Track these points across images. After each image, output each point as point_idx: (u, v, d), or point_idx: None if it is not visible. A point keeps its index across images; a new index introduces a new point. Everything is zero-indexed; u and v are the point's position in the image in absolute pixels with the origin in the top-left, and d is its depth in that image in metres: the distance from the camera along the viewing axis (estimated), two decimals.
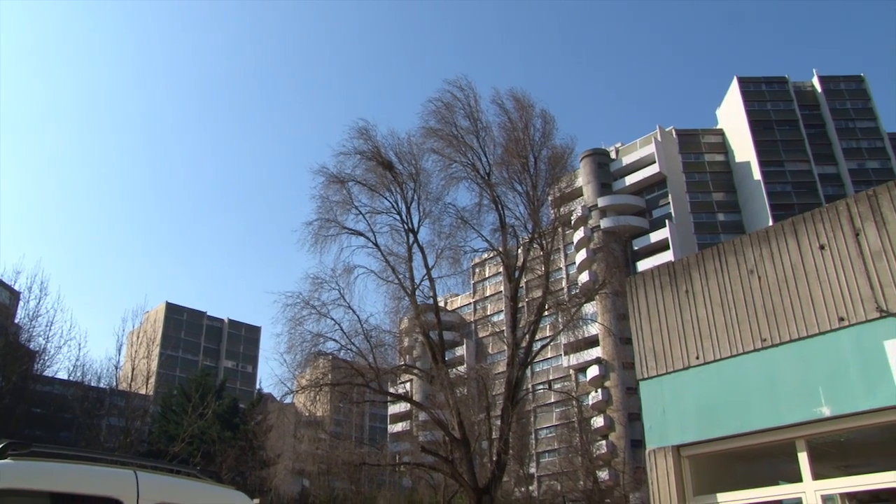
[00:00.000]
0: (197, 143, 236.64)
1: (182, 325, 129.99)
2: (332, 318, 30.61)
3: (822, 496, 9.81)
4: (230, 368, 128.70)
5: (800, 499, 9.88)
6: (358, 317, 31.13)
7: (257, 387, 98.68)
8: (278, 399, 35.66)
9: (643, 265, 74.76)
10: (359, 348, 30.57)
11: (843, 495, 10.79)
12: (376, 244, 32.34)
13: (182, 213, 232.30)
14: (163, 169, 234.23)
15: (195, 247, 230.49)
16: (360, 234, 32.50)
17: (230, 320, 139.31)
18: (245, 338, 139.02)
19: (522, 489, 51.54)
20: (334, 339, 30.72)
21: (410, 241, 32.19)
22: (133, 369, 41.01)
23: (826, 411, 9.64)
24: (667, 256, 78.48)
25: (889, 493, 10.12)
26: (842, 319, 9.82)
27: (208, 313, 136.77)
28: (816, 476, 9.85)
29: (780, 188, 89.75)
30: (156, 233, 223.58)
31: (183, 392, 49.38)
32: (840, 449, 10.79)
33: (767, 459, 11.09)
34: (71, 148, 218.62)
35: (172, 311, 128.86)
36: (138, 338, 42.92)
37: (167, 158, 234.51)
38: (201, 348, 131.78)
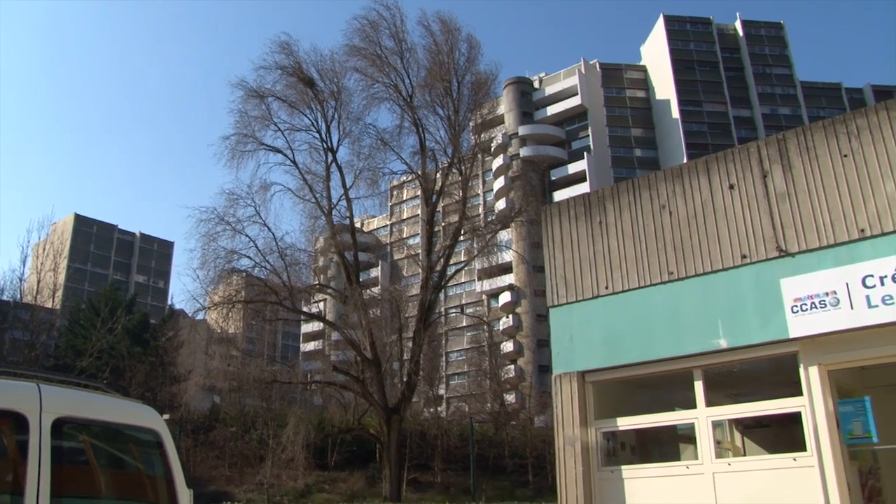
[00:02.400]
0: (102, 52, 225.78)
1: (92, 238, 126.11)
2: (247, 235, 30.21)
3: (713, 421, 10.40)
4: (141, 283, 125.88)
5: (693, 424, 10.45)
6: (273, 234, 30.81)
7: (169, 302, 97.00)
8: (190, 315, 35.28)
9: (560, 195, 75.68)
10: (273, 266, 30.33)
11: (731, 421, 11.49)
12: (294, 162, 31.84)
13: (88, 124, 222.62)
14: (65, 77, 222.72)
15: (105, 158, 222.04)
16: (279, 150, 31.91)
17: (142, 234, 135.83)
18: (157, 252, 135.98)
19: (431, 410, 52.66)
20: (248, 257, 30.40)
21: (329, 160, 31.80)
22: (39, 282, 39.72)
23: (723, 343, 10.13)
24: (583, 188, 79.60)
25: (771, 419, 10.81)
26: (744, 257, 10.25)
27: (119, 227, 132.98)
28: (709, 403, 10.41)
29: (697, 128, 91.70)
30: (60, 144, 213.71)
31: (92, 306, 48.23)
32: (732, 378, 11.39)
33: (666, 387, 11.63)
34: None
35: (82, 223, 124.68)
36: (44, 250, 41.45)
37: (69, 66, 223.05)
38: (112, 262, 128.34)
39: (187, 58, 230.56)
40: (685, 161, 57.15)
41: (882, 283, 9.04)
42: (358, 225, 40.91)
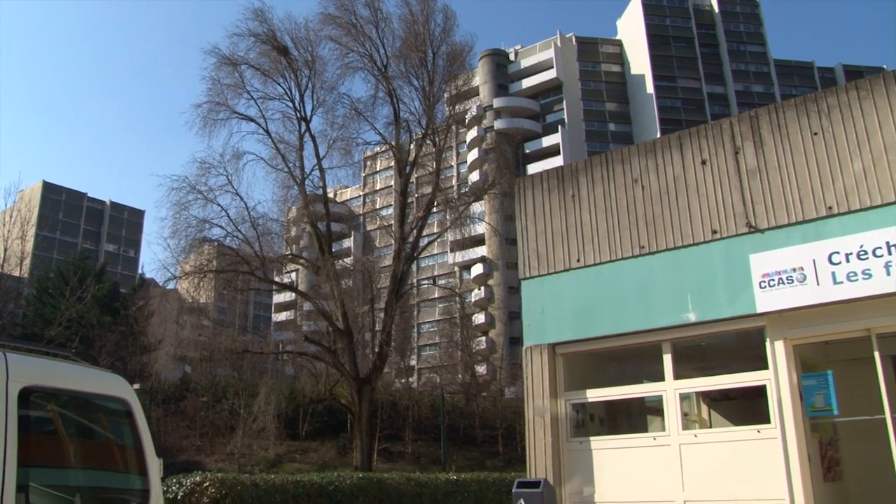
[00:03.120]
0: (67, 17, 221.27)
1: (60, 205, 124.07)
2: (219, 205, 29.92)
3: (680, 394, 10.56)
4: (111, 252, 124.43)
5: (661, 396, 10.60)
6: (245, 204, 30.57)
7: (140, 272, 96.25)
8: (161, 284, 34.96)
9: (533, 168, 75.77)
10: (245, 236, 30.14)
11: (699, 393, 11.67)
12: (267, 131, 31.52)
13: (52, 90, 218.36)
14: (26, 42, 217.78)
15: (72, 126, 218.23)
16: (251, 119, 31.56)
17: (112, 203, 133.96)
18: (128, 221, 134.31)
19: (403, 380, 52.86)
20: (220, 226, 30.14)
21: (302, 129, 31.51)
22: (6, 250, 39.11)
23: (692, 317, 10.26)
24: (557, 162, 79.67)
25: (737, 391, 11.00)
26: (714, 232, 10.35)
27: (89, 194, 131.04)
28: (677, 376, 10.56)
29: (671, 103, 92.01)
30: (24, 110, 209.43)
31: (60, 275, 47.58)
32: (700, 352, 11.56)
33: (635, 360, 11.77)
34: None
35: (50, 190, 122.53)
36: (11, 217, 40.81)
37: (30, 31, 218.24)
38: (81, 230, 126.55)
39: (157, 23, 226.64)
40: (658, 136, 57.38)
41: (847, 260, 9.18)
42: (331, 195, 40.79)
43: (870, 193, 9.31)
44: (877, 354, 9.17)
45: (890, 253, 8.94)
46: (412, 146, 33.48)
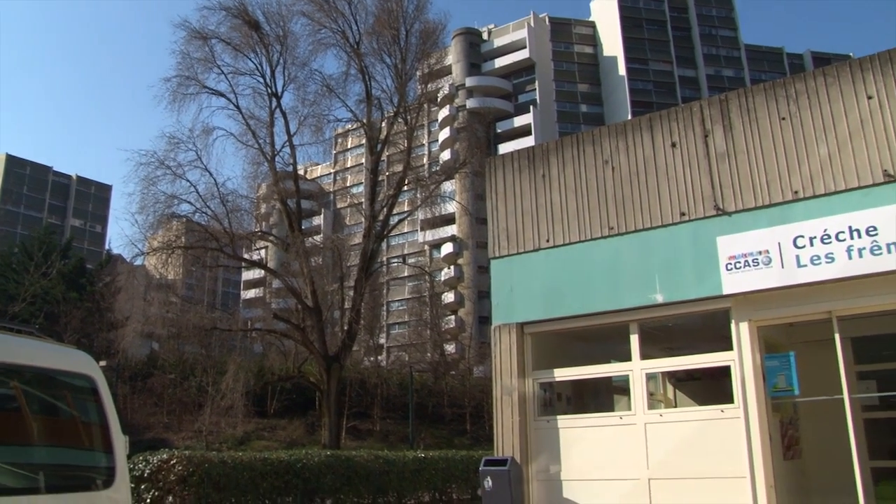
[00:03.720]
0: None
1: (25, 179, 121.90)
2: (188, 180, 29.64)
3: (647, 374, 10.69)
4: (78, 227, 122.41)
5: (627, 376, 10.72)
6: (215, 180, 30.33)
7: (106, 247, 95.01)
8: (128, 260, 34.62)
9: (505, 148, 75.70)
10: (214, 212, 29.89)
11: (665, 373, 11.84)
12: (237, 106, 31.21)
13: (22, 60, 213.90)
14: None
15: (40, 97, 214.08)
16: (222, 94, 31.22)
17: (79, 177, 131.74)
18: (95, 196, 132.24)
19: (372, 359, 52.92)
20: (189, 202, 29.88)
21: (273, 105, 31.24)
22: None
23: (659, 298, 10.38)
24: (528, 142, 79.72)
25: (702, 372, 11.16)
26: (683, 214, 10.45)
27: (55, 168, 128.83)
28: (644, 356, 10.69)
29: (642, 86, 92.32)
30: None
31: (25, 250, 46.92)
32: (666, 332, 11.69)
33: (603, 340, 11.88)
34: None
35: (14, 164, 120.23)
36: None
37: None
38: (46, 205, 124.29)
39: None
40: (629, 118, 57.70)
41: (811, 244, 9.32)
42: (301, 172, 40.48)
43: (834, 179, 9.44)
44: (837, 336, 9.35)
45: (852, 237, 9.09)
46: (384, 124, 33.36)
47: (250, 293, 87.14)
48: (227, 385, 29.31)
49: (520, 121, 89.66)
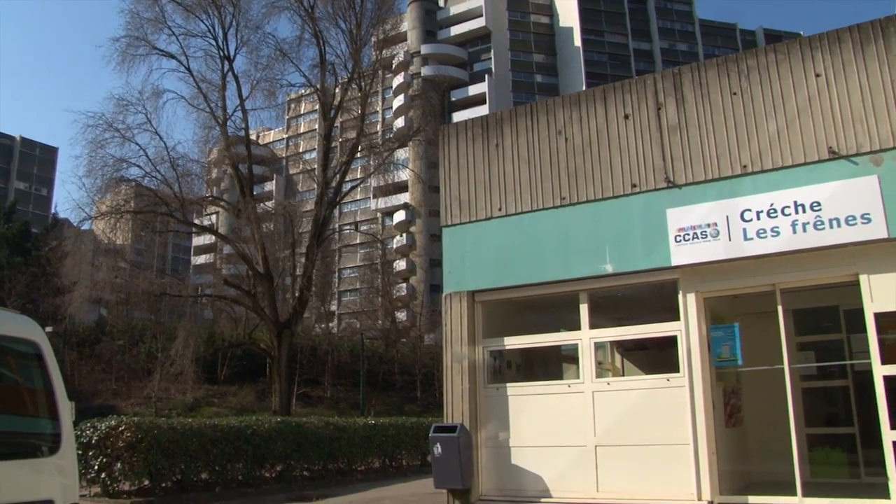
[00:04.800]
0: None
1: None
2: (137, 144, 29.19)
3: (595, 343, 10.86)
4: (22, 191, 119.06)
5: (576, 345, 10.87)
6: (165, 144, 29.92)
7: (53, 211, 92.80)
8: (75, 225, 34.06)
9: (459, 117, 75.51)
10: (164, 176, 29.48)
11: (613, 343, 12.05)
12: (189, 69, 30.67)
13: None
14: None
15: None
16: (172, 56, 30.64)
17: (23, 138, 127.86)
18: (40, 158, 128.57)
19: (323, 325, 52.86)
20: (138, 166, 29.45)
21: (225, 69, 30.76)
22: None
23: (609, 268, 10.51)
24: (483, 111, 79.48)
25: (650, 341, 11.38)
26: (634, 186, 10.57)
27: None
28: (593, 325, 10.84)
29: (598, 58, 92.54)
30: None
31: None
32: (615, 302, 11.87)
33: (553, 309, 12.02)
34: None
35: None
36: None
37: None
38: None
39: None
40: (584, 89, 57.94)
41: (758, 218, 9.51)
42: (253, 137, 40.03)
43: (782, 154, 9.62)
44: (780, 308, 9.59)
45: (797, 212, 9.29)
46: (337, 90, 33.07)
47: (201, 259, 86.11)
48: (176, 351, 29.09)
49: (475, 90, 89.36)
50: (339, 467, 19.21)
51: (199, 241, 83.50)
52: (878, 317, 8.92)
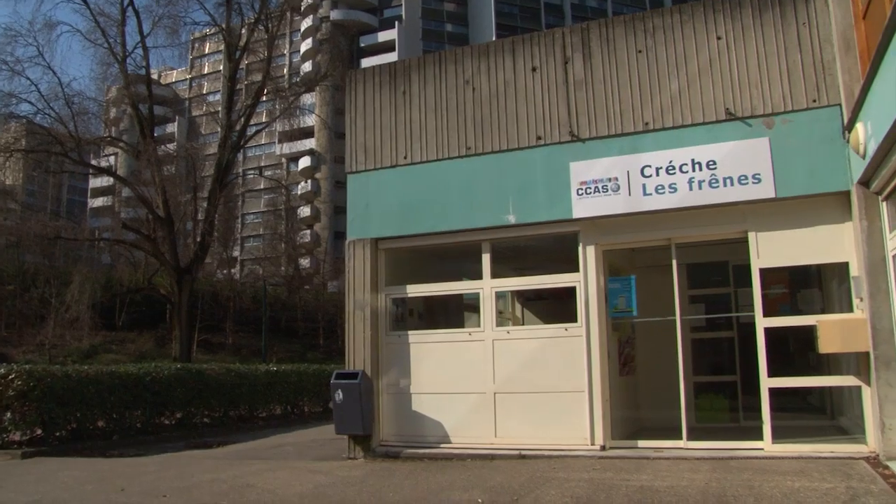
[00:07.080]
0: None
1: None
2: (28, 78, 27.84)
3: (497, 292, 11.06)
4: None
5: (478, 294, 11.04)
6: (59, 79, 28.93)
7: None
8: None
9: (367, 63, 74.33)
10: (59, 114, 28.19)
11: (514, 293, 12.30)
12: (85, 1, 29.20)
13: None
14: None
15: None
16: None
17: None
18: None
19: (225, 271, 52.07)
20: (30, 102, 28.12)
21: (125, 2, 29.43)
22: None
23: (512, 219, 10.67)
24: (392, 58, 78.35)
25: (549, 292, 11.67)
26: (539, 138, 10.69)
27: None
28: (494, 275, 11.02)
29: (508, 9, 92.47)
30: None
31: None
32: (517, 253, 12.09)
33: (456, 258, 12.14)
34: None
35: None
36: None
37: None
38: None
39: None
40: (493, 40, 57.97)
41: (657, 174, 9.79)
42: (155, 76, 38.64)
43: (682, 113, 9.89)
44: (674, 262, 9.95)
45: (694, 170, 9.61)
46: (244, 30, 32.16)
47: (98, 201, 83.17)
48: (72, 297, 28.27)
49: (384, 36, 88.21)
50: (241, 414, 19.13)
51: (96, 182, 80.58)
52: (763, 272, 9.41)
